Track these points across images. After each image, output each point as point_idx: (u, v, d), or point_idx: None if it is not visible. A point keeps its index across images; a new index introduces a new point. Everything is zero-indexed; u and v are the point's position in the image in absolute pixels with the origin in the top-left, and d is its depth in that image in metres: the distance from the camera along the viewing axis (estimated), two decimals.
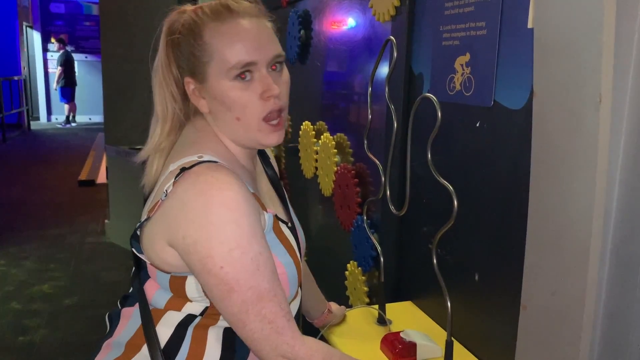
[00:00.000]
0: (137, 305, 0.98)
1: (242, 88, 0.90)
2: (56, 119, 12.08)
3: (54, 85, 11.42)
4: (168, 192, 0.87)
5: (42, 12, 12.08)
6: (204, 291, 0.90)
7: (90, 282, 3.68)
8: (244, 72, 0.90)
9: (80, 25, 12.31)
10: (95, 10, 11.48)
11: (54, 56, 11.68)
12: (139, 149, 1.01)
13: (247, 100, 0.91)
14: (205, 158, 0.90)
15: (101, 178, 6.21)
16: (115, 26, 4.23)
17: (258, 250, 0.85)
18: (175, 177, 0.87)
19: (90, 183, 6.35)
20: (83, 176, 6.63)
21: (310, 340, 0.90)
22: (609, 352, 0.93)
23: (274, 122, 0.93)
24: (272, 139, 0.95)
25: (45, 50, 12.10)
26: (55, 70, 11.37)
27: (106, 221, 4.60)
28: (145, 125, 1.01)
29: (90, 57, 12.08)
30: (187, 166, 0.88)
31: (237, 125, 0.93)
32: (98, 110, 8.46)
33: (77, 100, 11.59)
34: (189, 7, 0.97)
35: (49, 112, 12.28)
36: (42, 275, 3.74)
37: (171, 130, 0.98)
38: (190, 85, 0.95)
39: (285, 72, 0.97)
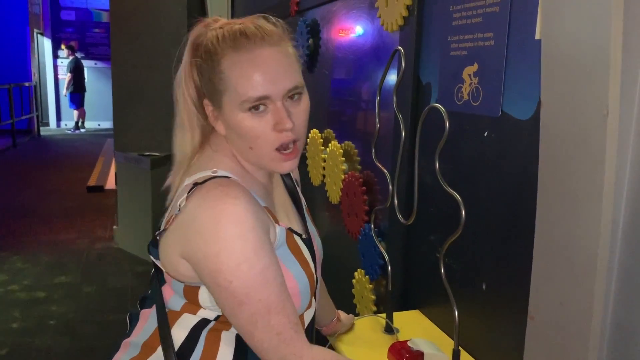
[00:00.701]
0: (154, 307, 1.00)
1: (256, 119, 0.90)
2: (65, 124, 12.17)
3: (63, 91, 11.51)
4: (181, 206, 0.89)
5: (52, 19, 12.21)
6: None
7: (98, 288, 3.69)
8: (257, 105, 0.90)
9: (90, 32, 12.42)
10: (105, 17, 11.61)
11: (63, 63, 11.79)
12: (148, 155, 1.03)
13: (260, 132, 0.90)
14: (220, 173, 0.92)
15: (110, 184, 6.25)
16: (125, 33, 4.27)
17: (266, 264, 0.87)
18: (188, 192, 0.89)
19: (99, 189, 6.39)
20: (92, 182, 6.67)
21: (318, 350, 0.92)
22: None
23: (287, 151, 0.93)
24: (284, 167, 0.95)
25: (55, 56, 12.22)
26: (65, 76, 11.46)
27: (114, 227, 4.63)
28: (154, 132, 1.02)
29: (99, 64, 12.19)
30: (199, 181, 0.90)
31: (250, 153, 0.94)
32: (107, 117, 8.51)
33: (86, 107, 11.68)
34: (213, 23, 0.95)
35: (59, 118, 12.38)
36: (51, 280, 3.76)
37: (193, 142, 0.98)
38: (209, 107, 0.96)
39: (305, 101, 0.96)
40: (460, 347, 1.16)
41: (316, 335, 1.19)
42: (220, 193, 0.86)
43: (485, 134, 1.22)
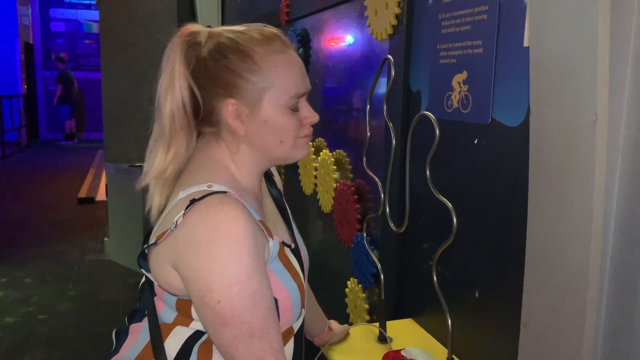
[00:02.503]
0: (145, 320, 0.98)
1: (292, 114, 0.96)
2: (55, 136, 12.11)
3: (53, 102, 11.48)
4: (178, 222, 0.88)
5: (42, 30, 12.20)
6: None
7: (89, 300, 3.66)
8: (297, 101, 0.97)
9: (80, 43, 12.41)
10: (95, 28, 11.60)
11: (53, 74, 11.75)
12: (139, 166, 1.01)
13: (295, 125, 0.97)
14: (215, 188, 0.91)
15: (100, 195, 6.21)
16: (115, 44, 4.27)
17: (257, 287, 0.86)
18: (186, 208, 0.88)
19: (90, 200, 6.35)
20: (82, 194, 6.63)
21: None
22: None
23: (309, 137, 1.02)
24: (306, 151, 1.02)
25: (45, 68, 12.17)
26: (55, 88, 11.43)
27: (105, 239, 4.59)
28: (145, 143, 0.99)
29: (90, 75, 12.16)
30: (197, 197, 0.88)
31: (279, 147, 0.98)
32: (97, 128, 8.48)
33: (78, 118, 11.64)
34: (203, 28, 0.97)
35: (49, 129, 12.32)
36: (41, 293, 3.73)
37: (176, 155, 0.96)
38: (231, 107, 0.94)
39: None
40: (454, 356, 1.16)
41: (310, 345, 1.18)
42: (220, 212, 0.85)
43: (476, 141, 1.22)
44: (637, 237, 0.86)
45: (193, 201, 0.88)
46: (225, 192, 0.90)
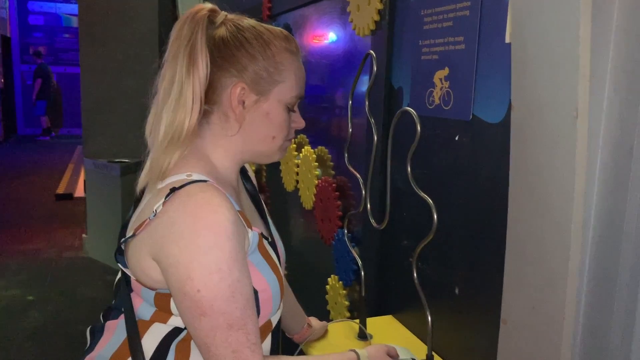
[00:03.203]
0: (121, 317, 0.97)
1: (288, 114, 1.00)
2: (34, 131, 11.91)
3: (32, 97, 11.28)
4: (157, 211, 0.86)
5: (20, 23, 11.96)
6: None
7: (67, 298, 3.60)
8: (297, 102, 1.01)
9: (59, 37, 12.20)
10: (74, 22, 11.40)
11: (31, 68, 11.55)
12: (118, 162, 0.99)
13: (287, 124, 1.00)
14: (195, 177, 0.89)
15: (79, 192, 6.13)
16: (94, 38, 4.20)
17: (237, 277, 0.85)
18: (166, 197, 0.86)
19: (68, 197, 6.26)
20: (61, 190, 6.53)
21: None
22: None
23: (290, 141, 1.04)
24: (283, 155, 1.04)
25: (23, 62, 11.95)
26: (33, 83, 11.23)
27: (84, 235, 4.53)
28: (125, 138, 0.97)
29: (69, 70, 11.97)
30: (177, 186, 0.87)
31: (269, 142, 0.99)
32: (76, 123, 8.36)
33: (55, 113, 11.46)
34: (222, 13, 0.99)
35: (27, 124, 12.11)
36: (18, 291, 3.66)
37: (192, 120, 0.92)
38: (240, 90, 0.94)
39: None
40: (433, 353, 1.16)
41: (285, 342, 1.17)
42: (202, 200, 0.85)
43: (457, 138, 1.22)
44: (617, 234, 0.87)
45: (173, 190, 0.86)
46: (205, 181, 0.89)
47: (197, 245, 0.83)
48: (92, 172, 4.28)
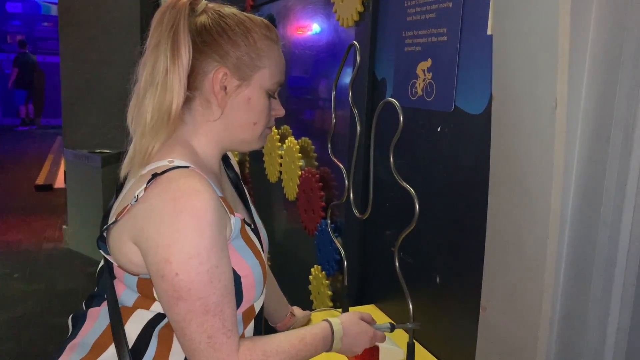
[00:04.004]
0: (104, 304, 0.96)
1: (268, 101, 1.00)
2: (12, 121, 11.69)
3: (8, 85, 11.06)
4: (139, 197, 0.86)
5: None
6: None
7: (47, 290, 3.56)
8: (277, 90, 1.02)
9: (38, 26, 11.98)
10: (54, 10, 11.19)
11: (10, 57, 11.32)
12: (99, 153, 0.98)
13: (268, 111, 1.00)
14: (176, 163, 0.90)
15: (59, 183, 6.04)
16: (74, 27, 4.13)
17: (215, 263, 0.85)
18: (147, 183, 0.86)
19: (48, 188, 6.17)
20: (40, 181, 6.43)
21: (245, 354, 0.90)
22: (566, 352, 0.95)
23: (270, 130, 1.05)
24: (263, 143, 1.05)
25: (0, 50, 11.71)
26: (9, 71, 11.01)
27: (64, 227, 4.47)
28: (106, 128, 0.97)
29: (48, 59, 11.75)
30: (158, 172, 0.87)
31: (247, 128, 0.99)
32: (56, 113, 8.25)
33: (34, 103, 11.26)
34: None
35: (5, 114, 11.88)
36: None
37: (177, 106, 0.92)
38: (222, 75, 0.94)
39: None
40: (415, 341, 1.17)
41: (272, 331, 1.17)
42: (184, 185, 0.85)
43: (439, 129, 1.23)
44: (594, 223, 0.89)
45: (155, 176, 0.86)
46: (187, 167, 0.89)
47: (176, 229, 0.83)
48: (72, 163, 4.23)
